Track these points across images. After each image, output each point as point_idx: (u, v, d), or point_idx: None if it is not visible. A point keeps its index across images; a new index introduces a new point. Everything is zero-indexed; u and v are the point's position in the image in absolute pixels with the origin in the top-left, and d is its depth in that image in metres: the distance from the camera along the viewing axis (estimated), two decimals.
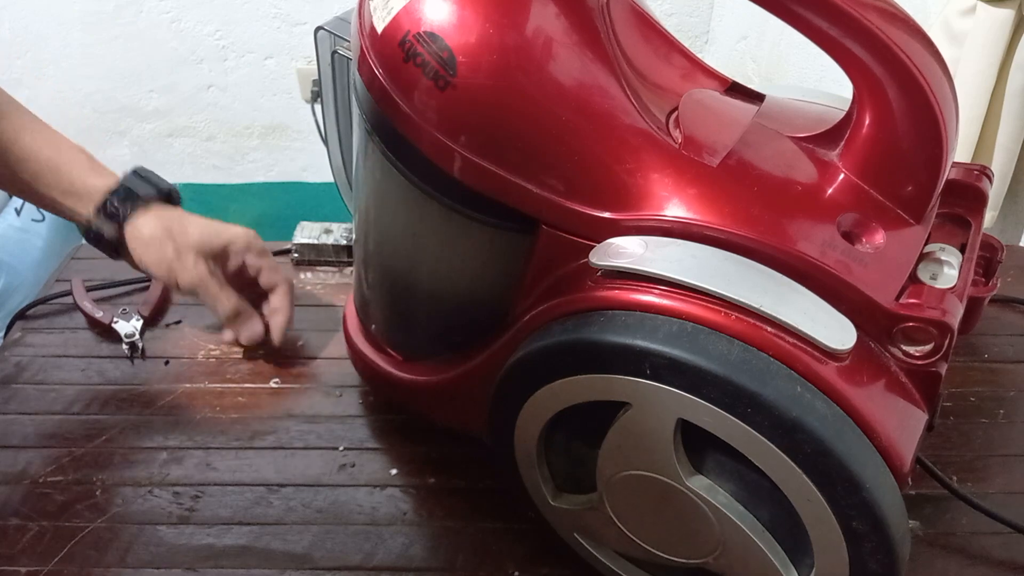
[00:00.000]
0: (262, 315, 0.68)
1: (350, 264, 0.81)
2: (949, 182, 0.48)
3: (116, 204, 0.62)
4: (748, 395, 0.39)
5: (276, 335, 0.68)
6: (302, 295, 0.77)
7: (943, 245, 0.47)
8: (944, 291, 0.43)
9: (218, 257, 0.65)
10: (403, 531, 0.57)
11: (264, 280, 0.67)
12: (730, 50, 1.75)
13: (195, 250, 0.63)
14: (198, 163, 1.95)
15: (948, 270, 0.45)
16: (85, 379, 0.68)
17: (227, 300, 0.65)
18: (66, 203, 0.62)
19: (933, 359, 0.42)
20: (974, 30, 1.00)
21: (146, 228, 0.63)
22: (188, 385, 0.68)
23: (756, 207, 0.43)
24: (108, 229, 0.63)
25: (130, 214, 0.63)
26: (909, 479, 0.41)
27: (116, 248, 0.64)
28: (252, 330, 0.66)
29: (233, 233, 0.65)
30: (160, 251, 0.63)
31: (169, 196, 0.66)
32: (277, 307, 0.67)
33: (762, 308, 0.40)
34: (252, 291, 0.68)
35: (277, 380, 0.69)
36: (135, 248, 0.63)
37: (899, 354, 0.42)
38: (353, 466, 0.62)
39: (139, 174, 0.64)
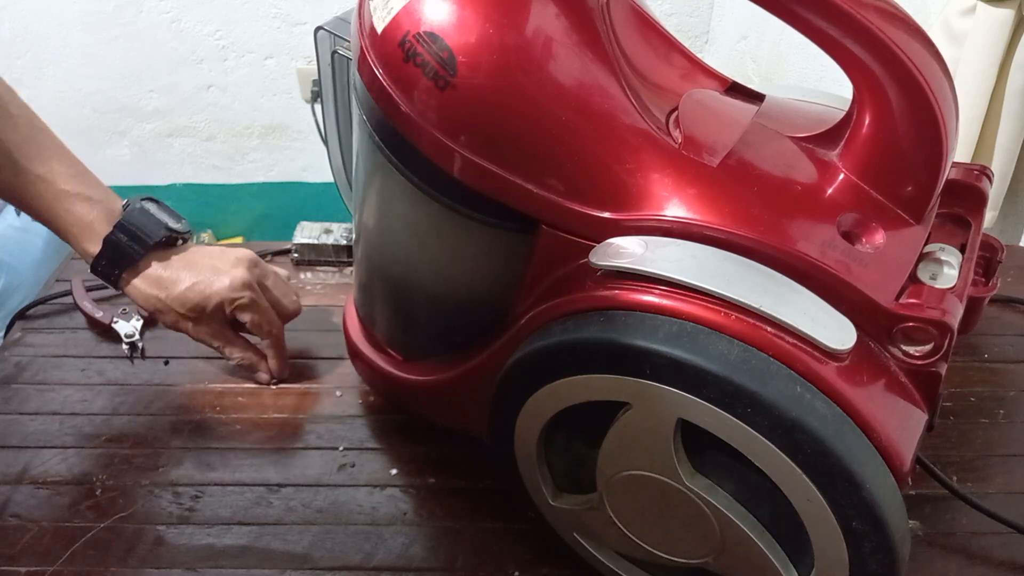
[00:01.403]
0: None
1: (350, 264, 0.81)
2: (949, 182, 0.48)
3: (104, 273, 0.61)
4: (748, 395, 0.39)
5: (274, 376, 0.68)
6: (302, 295, 0.77)
7: (943, 245, 0.47)
8: (944, 291, 0.43)
9: (210, 317, 0.64)
10: (403, 531, 0.57)
11: (258, 334, 0.67)
12: (730, 50, 1.75)
13: (190, 319, 0.63)
14: (198, 163, 1.96)
15: (948, 270, 0.45)
16: (85, 379, 0.68)
17: (231, 353, 0.66)
18: (70, 241, 0.62)
19: (933, 359, 0.42)
20: (974, 30, 1.00)
21: (140, 297, 0.63)
22: (188, 385, 0.68)
23: (756, 207, 0.43)
24: (109, 280, 0.63)
25: (121, 277, 0.62)
26: (909, 479, 0.41)
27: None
28: (259, 378, 0.68)
29: (216, 299, 0.62)
30: (159, 315, 0.64)
31: (166, 241, 0.63)
32: (270, 355, 0.68)
33: (762, 308, 0.40)
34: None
35: (277, 380, 0.69)
36: (137, 299, 0.63)
37: (899, 354, 0.42)
38: (353, 466, 0.62)
39: (126, 230, 0.60)
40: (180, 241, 0.64)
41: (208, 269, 0.63)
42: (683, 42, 0.53)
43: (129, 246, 0.61)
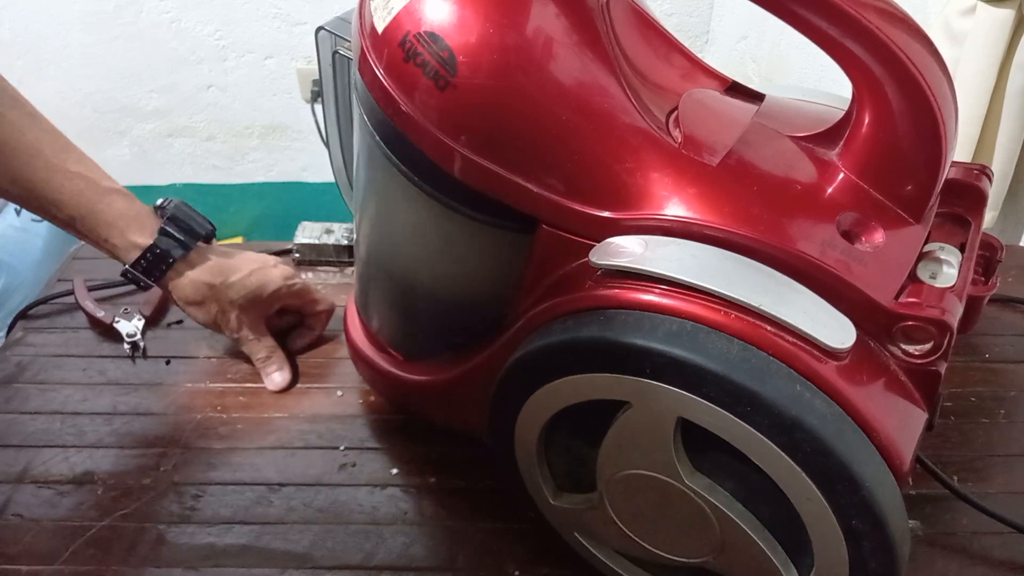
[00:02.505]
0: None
1: (351, 264, 0.81)
2: (949, 181, 0.48)
3: (155, 262, 0.62)
4: (748, 394, 0.39)
5: (296, 345, 0.71)
6: None
7: (943, 244, 0.47)
8: (943, 290, 0.43)
9: (259, 305, 0.67)
10: (403, 531, 0.57)
11: (305, 312, 0.71)
12: (730, 50, 1.75)
13: (238, 307, 0.65)
14: (198, 163, 1.96)
15: (948, 269, 0.45)
16: (86, 379, 0.68)
17: (261, 349, 0.68)
18: (105, 247, 0.62)
19: (932, 358, 0.42)
20: (974, 30, 1.00)
21: (189, 287, 0.64)
22: (189, 385, 0.68)
23: (756, 206, 0.43)
24: (147, 282, 0.63)
25: (168, 271, 0.63)
26: (909, 478, 0.41)
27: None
28: (274, 381, 0.68)
29: (273, 285, 0.67)
30: (205, 310, 0.65)
31: (207, 237, 0.66)
32: (310, 327, 0.72)
33: (762, 307, 0.40)
34: (293, 314, 0.72)
35: (287, 386, 0.69)
36: (178, 301, 0.65)
37: (899, 353, 0.42)
38: (354, 466, 0.62)
39: (178, 221, 0.63)
40: (214, 239, 0.67)
41: (259, 261, 0.67)
42: (683, 42, 0.53)
43: (182, 236, 0.63)
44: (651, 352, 0.41)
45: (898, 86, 0.43)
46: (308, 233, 0.81)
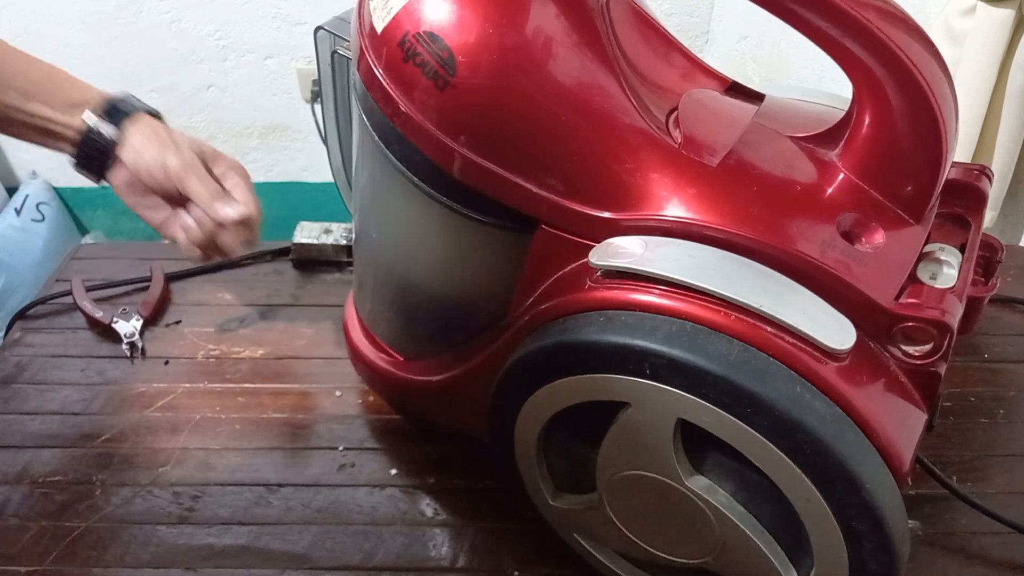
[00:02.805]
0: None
1: (350, 264, 0.81)
2: (949, 182, 0.48)
3: (117, 105, 0.63)
4: (747, 395, 0.39)
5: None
6: (302, 295, 0.78)
7: (943, 245, 0.47)
8: (943, 291, 0.43)
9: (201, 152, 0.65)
10: (402, 531, 0.57)
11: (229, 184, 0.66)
12: (730, 50, 1.75)
13: (192, 146, 0.65)
14: None
15: (948, 270, 0.45)
16: (85, 379, 0.68)
17: (209, 184, 0.63)
18: (57, 117, 0.62)
19: (932, 359, 0.42)
20: (974, 30, 1.00)
21: (146, 126, 0.64)
22: (187, 385, 0.68)
23: (756, 207, 0.43)
24: (107, 129, 0.62)
25: (131, 114, 0.63)
26: (909, 479, 0.41)
27: (103, 162, 0.62)
28: (231, 206, 0.64)
29: (224, 154, 0.67)
30: (160, 142, 0.63)
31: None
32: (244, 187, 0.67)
33: (762, 308, 0.40)
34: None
35: (277, 380, 0.69)
36: (134, 143, 0.62)
37: (899, 354, 0.42)
38: (353, 466, 0.62)
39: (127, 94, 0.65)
40: None
41: None
42: (683, 42, 0.53)
43: (134, 99, 0.65)
44: (651, 353, 0.40)
45: (898, 86, 0.43)
46: (307, 233, 0.81)
